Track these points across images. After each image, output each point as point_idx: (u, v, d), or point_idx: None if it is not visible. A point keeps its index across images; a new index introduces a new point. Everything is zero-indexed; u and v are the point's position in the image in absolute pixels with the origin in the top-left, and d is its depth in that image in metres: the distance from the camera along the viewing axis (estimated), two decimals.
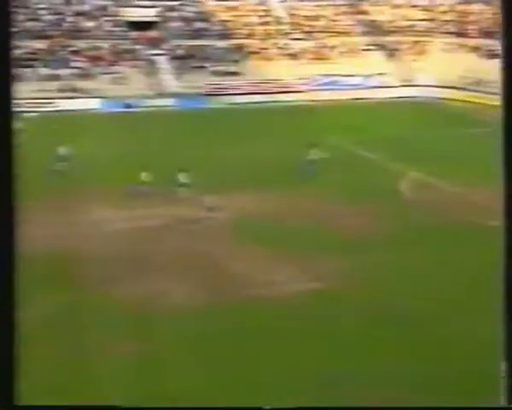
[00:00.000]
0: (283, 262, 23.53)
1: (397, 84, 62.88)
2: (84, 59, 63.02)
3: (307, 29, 69.91)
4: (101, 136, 45.03)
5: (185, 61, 64.53)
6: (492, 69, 68.00)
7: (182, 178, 30.31)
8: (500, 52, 2.75)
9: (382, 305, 20.13)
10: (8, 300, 2.91)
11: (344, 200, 30.25)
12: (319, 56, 66.64)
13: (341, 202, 30.09)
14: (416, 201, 31.14)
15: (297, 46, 67.70)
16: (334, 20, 71.96)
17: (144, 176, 30.73)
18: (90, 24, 67.13)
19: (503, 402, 3.00)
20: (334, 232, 26.18)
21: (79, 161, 35.22)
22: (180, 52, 65.80)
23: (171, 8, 70.49)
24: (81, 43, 64.56)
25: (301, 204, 29.93)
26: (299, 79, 62.43)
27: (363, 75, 62.82)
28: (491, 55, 63.20)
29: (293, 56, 66.47)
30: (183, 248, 24.68)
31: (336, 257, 23.79)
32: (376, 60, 66.51)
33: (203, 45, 66.26)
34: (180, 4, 71.31)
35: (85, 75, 61.01)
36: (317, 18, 71.85)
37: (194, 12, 70.92)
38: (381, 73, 63.78)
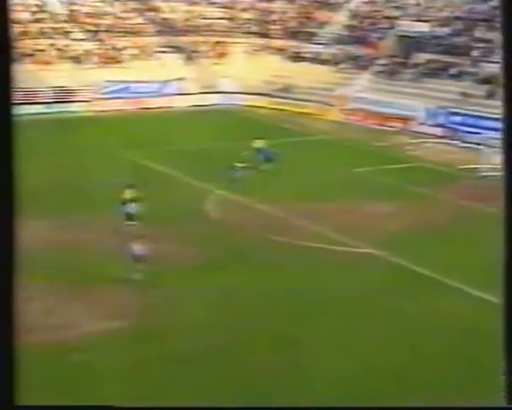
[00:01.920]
0: (76, 301, 23.23)
1: (197, 91, 64.26)
2: None
3: (91, 28, 69.52)
4: None
5: None
6: (300, 73, 71.52)
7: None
8: (501, 49, 3.15)
9: (186, 340, 20.60)
10: (8, 299, 3.09)
11: (143, 223, 30.40)
12: (107, 60, 66.48)
13: (140, 225, 30.22)
14: (223, 220, 32.10)
15: (80, 48, 67.04)
16: (122, 18, 72.19)
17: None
18: None
19: (503, 402, 3.44)
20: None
21: None
22: None
23: None
24: None
25: (98, 231, 29.69)
26: (84, 85, 61.85)
27: (158, 81, 63.52)
28: (298, 57, 66.67)
29: (76, 59, 65.75)
30: None
31: (138, 291, 23.92)
32: (173, 63, 67.56)
33: None
34: None
35: None
36: (101, 15, 71.68)
37: None
38: (179, 79, 64.84)
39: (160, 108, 60.27)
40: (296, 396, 17.87)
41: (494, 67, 54.86)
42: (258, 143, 41.16)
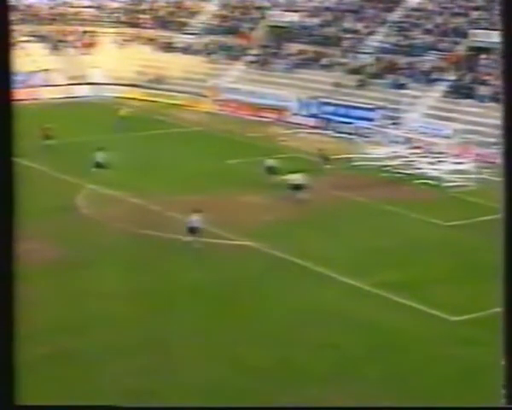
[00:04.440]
0: None
1: (65, 82, 62.90)
2: None
3: None
4: None
5: None
6: (171, 64, 71.12)
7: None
8: (502, 48, 3.25)
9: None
10: (8, 299, 3.17)
11: None
12: None
13: None
14: (94, 215, 31.62)
15: None
16: None
17: None
18: None
19: (503, 402, 3.53)
20: None
21: None
22: None
23: None
24: None
25: None
26: None
27: (23, 72, 61.74)
28: (169, 47, 66.36)
29: None
30: None
31: None
32: (39, 53, 65.86)
33: None
34: None
35: None
36: None
37: None
38: (45, 69, 63.26)
39: (25, 100, 58.60)
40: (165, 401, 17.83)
41: (363, 58, 56.40)
42: None
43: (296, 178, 34.12)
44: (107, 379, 18.64)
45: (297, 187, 33.88)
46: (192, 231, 27.62)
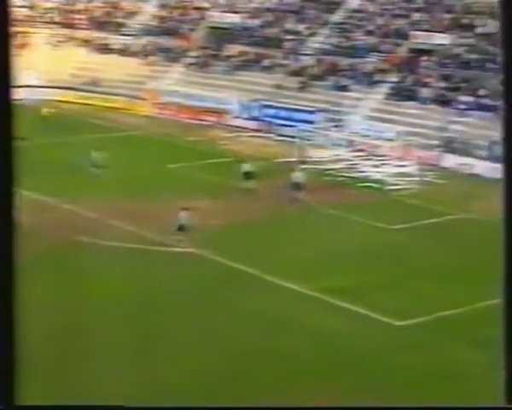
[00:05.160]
0: None
1: None
2: None
3: None
4: None
5: None
6: (108, 66, 70.18)
7: None
8: (502, 51, 3.37)
9: None
10: (9, 298, 3.22)
11: None
12: None
13: None
14: (29, 222, 31.14)
15: None
16: None
17: None
18: None
19: (502, 402, 3.53)
20: None
21: None
22: None
23: None
24: None
25: None
26: None
27: None
28: (105, 49, 65.82)
29: None
30: None
31: None
32: None
33: None
34: None
35: None
36: None
37: None
38: None
39: None
40: None
41: (305, 59, 56.76)
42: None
43: (298, 176, 35.18)
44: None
45: (298, 186, 34.60)
46: (181, 228, 28.18)
